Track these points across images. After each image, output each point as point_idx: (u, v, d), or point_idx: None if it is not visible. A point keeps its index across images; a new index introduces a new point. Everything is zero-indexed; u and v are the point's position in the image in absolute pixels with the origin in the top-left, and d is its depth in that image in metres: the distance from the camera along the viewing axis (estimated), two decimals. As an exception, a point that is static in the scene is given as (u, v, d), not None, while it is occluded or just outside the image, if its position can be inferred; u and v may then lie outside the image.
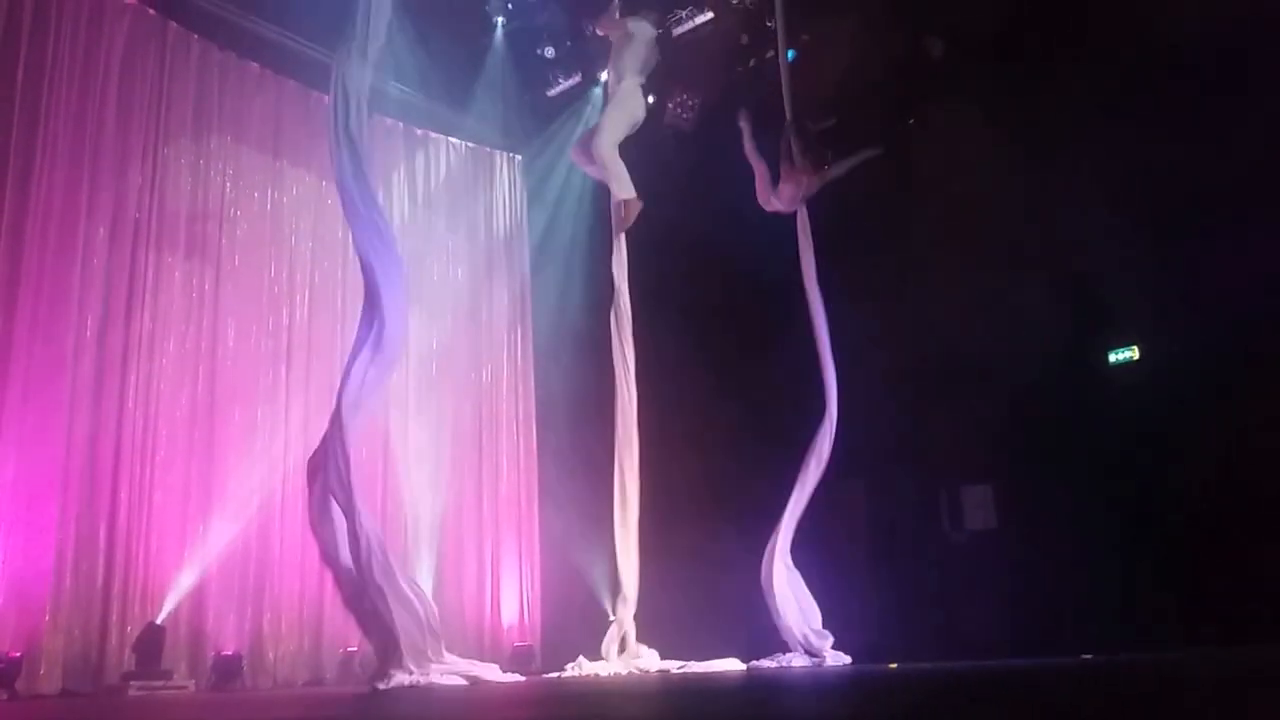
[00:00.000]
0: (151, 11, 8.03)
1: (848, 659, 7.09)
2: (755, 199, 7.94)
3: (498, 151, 10.81)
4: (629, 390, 7.35)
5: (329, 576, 8.38)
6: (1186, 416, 6.87)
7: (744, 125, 7.93)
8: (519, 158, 10.96)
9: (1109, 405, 7.31)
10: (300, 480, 8.42)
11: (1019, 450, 7.47)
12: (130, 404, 7.51)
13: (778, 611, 7.08)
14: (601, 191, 9.70)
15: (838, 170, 7.68)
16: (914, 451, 7.96)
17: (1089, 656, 6.18)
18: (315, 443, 8.52)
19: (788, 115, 8.11)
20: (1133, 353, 7.40)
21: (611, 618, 7.46)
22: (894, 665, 6.57)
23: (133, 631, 7.17)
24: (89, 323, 7.30)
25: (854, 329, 7.60)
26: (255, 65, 8.83)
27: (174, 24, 8.18)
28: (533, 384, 10.54)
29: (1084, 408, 7.36)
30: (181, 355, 7.93)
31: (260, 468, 8.27)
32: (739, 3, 8.93)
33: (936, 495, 7.96)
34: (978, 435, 7.55)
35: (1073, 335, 7.42)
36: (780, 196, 7.73)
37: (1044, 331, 7.24)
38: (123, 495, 7.36)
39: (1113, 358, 7.48)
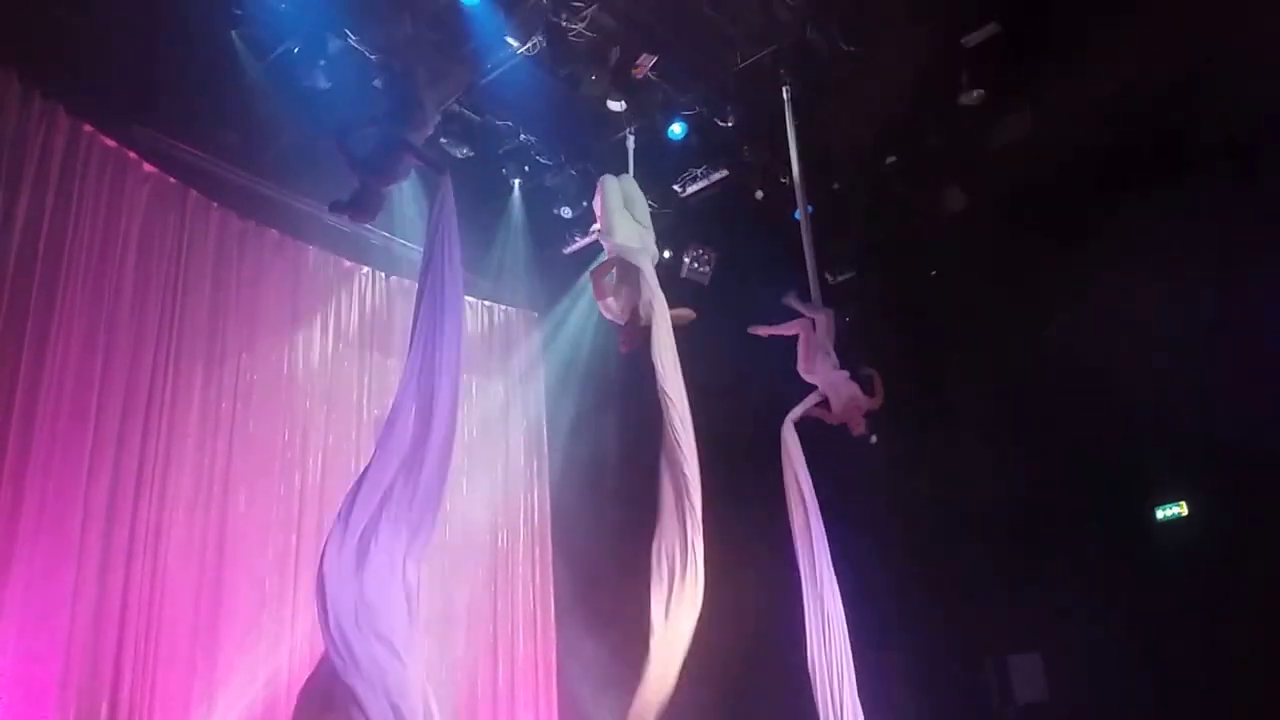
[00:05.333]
0: (172, 179, 8.10)
1: None
2: (773, 349, 7.82)
3: (515, 309, 10.79)
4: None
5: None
6: (1239, 576, 6.55)
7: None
8: (536, 315, 10.93)
9: (1158, 564, 6.98)
10: (309, 657, 8.19)
11: (1068, 614, 7.09)
12: (136, 577, 7.23)
13: None
14: (619, 354, 9.66)
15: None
16: (956, 618, 7.56)
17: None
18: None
19: (809, 267, 8.06)
20: (1181, 509, 7.11)
21: None
22: None
23: (134, 819, 6.74)
24: (98, 493, 7.08)
25: (888, 485, 7.35)
26: (274, 231, 8.87)
27: (194, 191, 8.24)
28: (550, 548, 10.21)
29: (1132, 567, 7.03)
30: (190, 525, 7.68)
31: (267, 641, 7.91)
32: (753, 159, 9.01)
33: (982, 665, 7.52)
34: (1024, 599, 7.19)
35: (1118, 491, 7.14)
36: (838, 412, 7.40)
37: (1088, 487, 6.98)
38: (125, 670, 7.01)
39: (1160, 514, 7.18)
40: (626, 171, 7.54)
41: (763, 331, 7.89)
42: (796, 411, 7.41)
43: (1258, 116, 6.60)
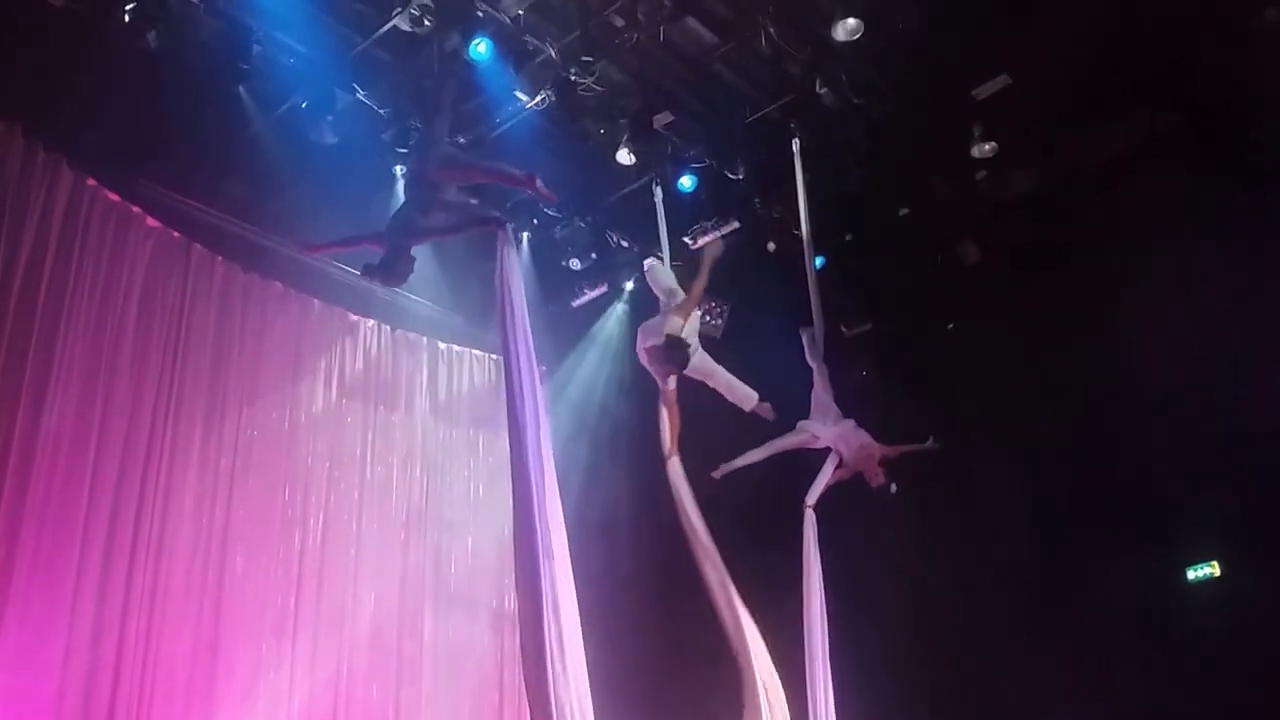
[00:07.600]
0: (175, 234, 8.01)
1: None
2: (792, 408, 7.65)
3: (524, 363, 10.65)
4: None
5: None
6: (1273, 638, 6.33)
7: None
8: (543, 368, 10.77)
9: (1189, 626, 6.76)
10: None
11: (1097, 680, 6.85)
12: (131, 638, 7.03)
13: None
14: (628, 407, 9.53)
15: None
16: (982, 685, 7.31)
17: None
18: (321, 676, 8.21)
19: (816, 320, 7.94)
20: (1213, 569, 6.90)
21: None
22: None
23: None
24: (94, 550, 6.91)
25: (908, 544, 7.15)
26: (279, 284, 8.76)
27: (198, 245, 8.14)
28: (559, 605, 9.95)
29: (1162, 629, 6.81)
30: (187, 585, 7.48)
31: (264, 706, 7.69)
32: (765, 211, 8.94)
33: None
34: (1051, 664, 6.95)
35: (1148, 551, 6.94)
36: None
37: (1116, 547, 6.78)
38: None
39: (1191, 575, 6.97)
40: (655, 221, 7.88)
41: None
42: (815, 491, 7.14)
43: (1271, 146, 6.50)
